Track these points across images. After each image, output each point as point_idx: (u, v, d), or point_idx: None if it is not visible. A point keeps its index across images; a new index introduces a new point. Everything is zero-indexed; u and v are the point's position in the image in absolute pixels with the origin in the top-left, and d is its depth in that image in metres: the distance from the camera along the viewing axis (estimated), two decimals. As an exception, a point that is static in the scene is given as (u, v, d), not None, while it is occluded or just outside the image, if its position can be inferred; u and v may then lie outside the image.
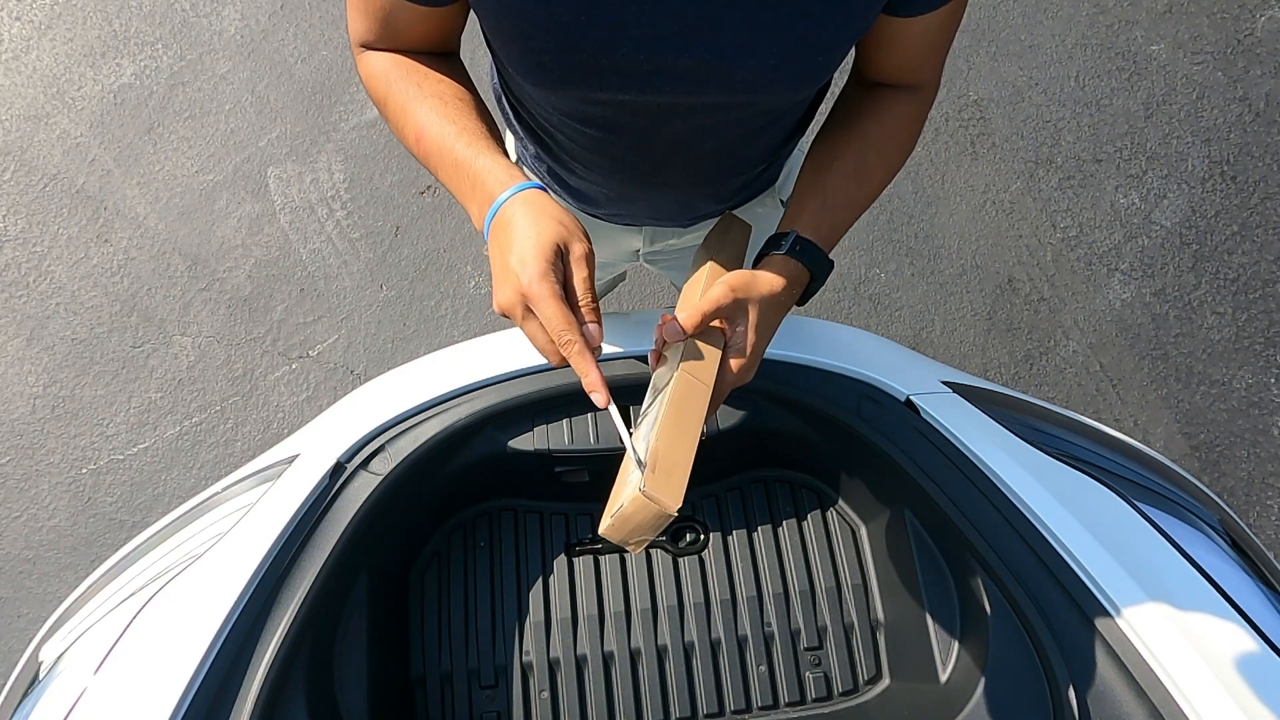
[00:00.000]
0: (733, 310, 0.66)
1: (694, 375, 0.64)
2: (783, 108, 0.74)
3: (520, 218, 0.60)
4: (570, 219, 0.61)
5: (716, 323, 0.67)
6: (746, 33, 0.61)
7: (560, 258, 0.59)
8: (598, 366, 0.58)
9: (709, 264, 0.77)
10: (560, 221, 0.60)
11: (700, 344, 0.66)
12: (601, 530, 0.59)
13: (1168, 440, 1.95)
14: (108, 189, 2.13)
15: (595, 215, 0.97)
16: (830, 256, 0.73)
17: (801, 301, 0.73)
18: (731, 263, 0.79)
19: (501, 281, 0.60)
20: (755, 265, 0.73)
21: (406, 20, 0.69)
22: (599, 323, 0.59)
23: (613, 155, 0.78)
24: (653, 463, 0.57)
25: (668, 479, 0.57)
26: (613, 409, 0.59)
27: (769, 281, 0.68)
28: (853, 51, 0.75)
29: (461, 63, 0.76)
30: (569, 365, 0.59)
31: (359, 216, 2.11)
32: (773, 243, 0.73)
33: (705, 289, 0.69)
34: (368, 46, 0.73)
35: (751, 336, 0.67)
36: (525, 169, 0.95)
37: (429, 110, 0.68)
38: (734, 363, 0.67)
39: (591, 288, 0.60)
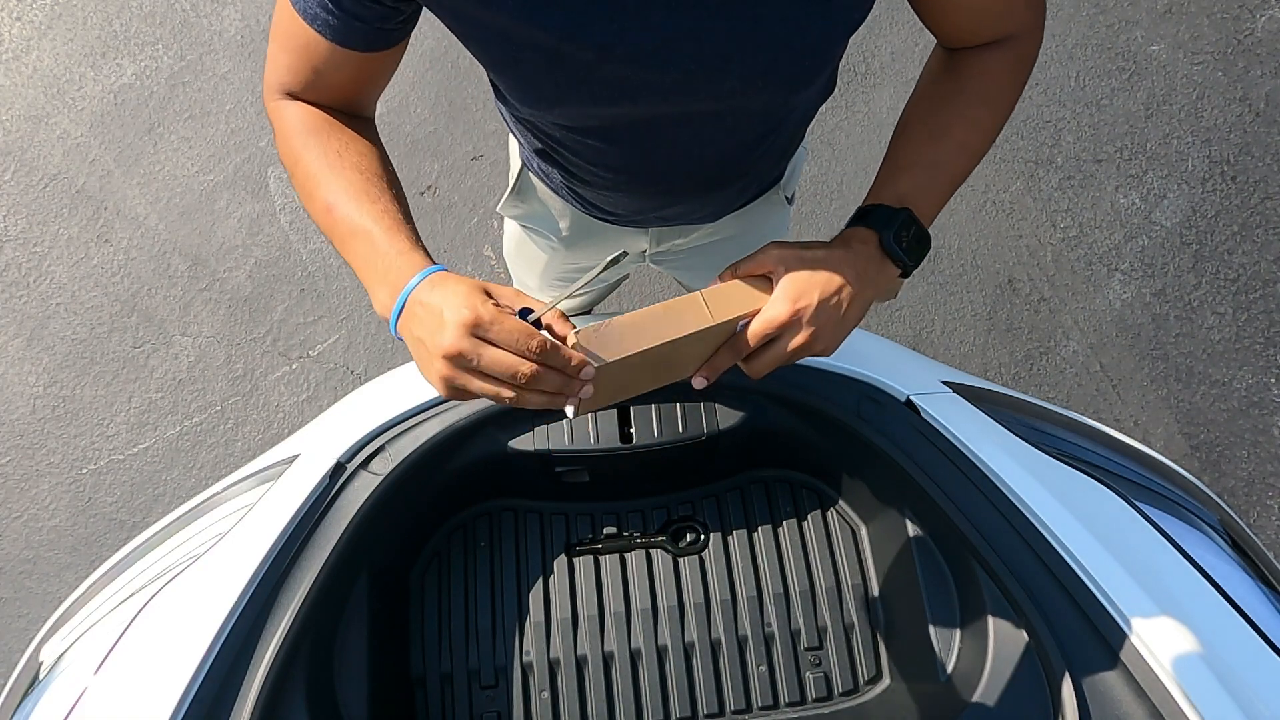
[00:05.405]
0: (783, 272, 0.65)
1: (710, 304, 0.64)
2: (781, 112, 0.74)
3: (432, 295, 0.57)
4: (471, 282, 0.58)
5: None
6: (729, 43, 0.61)
7: (488, 295, 0.57)
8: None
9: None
10: (469, 284, 0.57)
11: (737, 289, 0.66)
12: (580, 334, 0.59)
13: (1168, 440, 1.95)
14: (108, 189, 2.12)
15: (604, 219, 0.96)
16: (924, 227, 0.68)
17: (906, 272, 0.69)
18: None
19: (431, 359, 0.56)
20: None
21: (332, 64, 0.65)
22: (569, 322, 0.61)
23: (614, 166, 0.78)
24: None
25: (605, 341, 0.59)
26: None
27: (819, 251, 0.66)
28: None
29: (374, 126, 0.73)
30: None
31: (359, 216, 2.11)
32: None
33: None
34: (285, 93, 0.69)
35: (813, 312, 0.64)
36: (530, 173, 0.96)
37: (347, 184, 0.64)
38: (802, 337, 0.65)
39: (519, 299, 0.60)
